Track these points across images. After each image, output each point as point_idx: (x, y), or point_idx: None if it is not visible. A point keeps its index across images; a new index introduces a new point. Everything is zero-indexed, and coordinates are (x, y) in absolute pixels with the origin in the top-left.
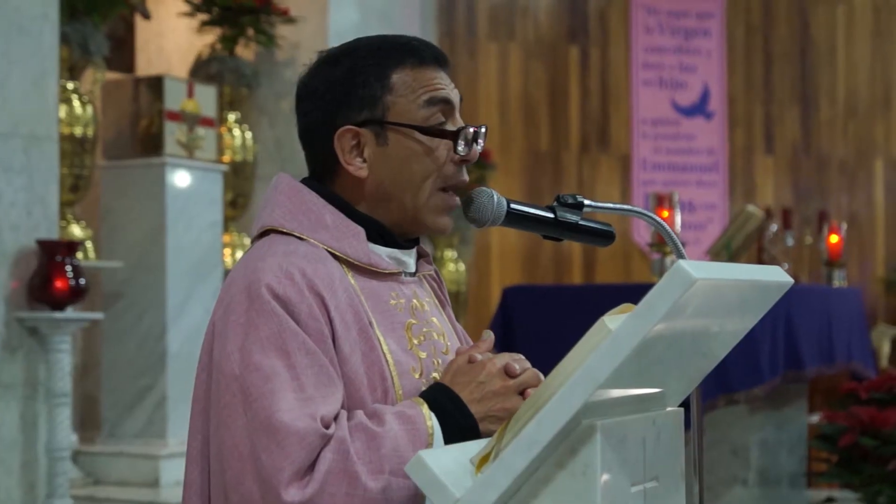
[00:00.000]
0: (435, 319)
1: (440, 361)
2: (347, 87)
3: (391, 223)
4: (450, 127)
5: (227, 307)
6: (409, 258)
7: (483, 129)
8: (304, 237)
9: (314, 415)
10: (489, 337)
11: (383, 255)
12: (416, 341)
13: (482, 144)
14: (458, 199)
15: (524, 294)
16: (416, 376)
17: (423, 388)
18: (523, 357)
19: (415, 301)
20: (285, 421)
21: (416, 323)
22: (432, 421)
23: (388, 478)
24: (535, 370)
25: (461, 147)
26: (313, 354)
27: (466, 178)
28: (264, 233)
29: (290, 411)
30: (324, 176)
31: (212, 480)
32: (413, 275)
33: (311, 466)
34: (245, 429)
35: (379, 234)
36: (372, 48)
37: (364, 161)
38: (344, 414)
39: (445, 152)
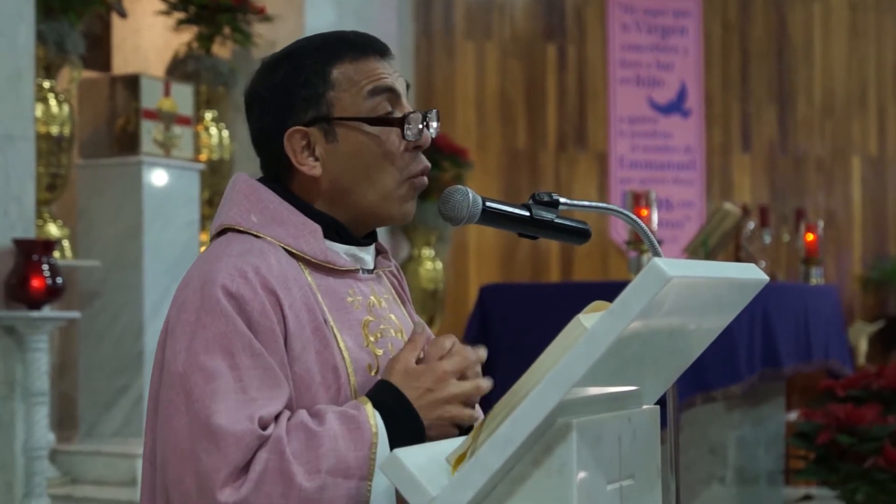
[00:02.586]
0: (393, 316)
1: None
2: (290, 89)
3: (349, 219)
4: (397, 115)
5: (181, 305)
6: (366, 255)
7: (434, 113)
8: (261, 235)
9: (252, 416)
10: (423, 330)
11: (340, 252)
12: (372, 338)
13: (436, 128)
14: (425, 179)
15: (501, 292)
16: (372, 373)
17: None
18: (475, 361)
19: (372, 298)
20: (222, 424)
21: (373, 320)
22: (376, 419)
23: (324, 477)
24: (483, 380)
25: (409, 132)
26: (259, 356)
27: (427, 163)
28: (222, 231)
29: (228, 413)
30: (280, 178)
31: (157, 477)
32: (371, 271)
33: (247, 467)
34: (186, 428)
35: (336, 231)
36: (310, 47)
37: (316, 160)
38: (286, 414)
39: (397, 141)
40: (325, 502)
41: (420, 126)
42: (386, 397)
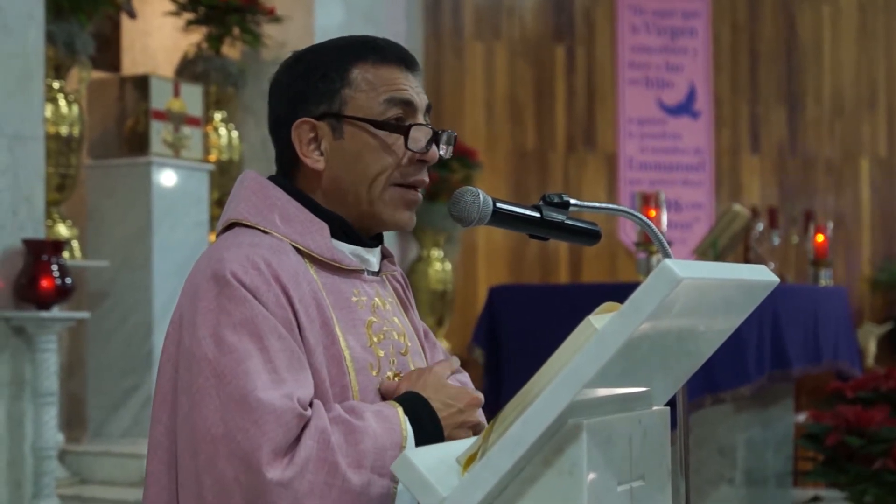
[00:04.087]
0: (396, 319)
1: (398, 361)
2: (308, 81)
3: (353, 220)
4: (409, 123)
5: (195, 295)
6: (372, 257)
7: (444, 133)
8: (269, 231)
9: (290, 395)
10: (448, 357)
11: (346, 251)
12: (375, 339)
13: (446, 150)
14: (418, 194)
15: (510, 293)
16: (374, 374)
17: (379, 387)
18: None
19: (376, 299)
20: (262, 399)
21: (377, 321)
22: (406, 425)
23: (369, 474)
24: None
25: (412, 143)
26: (285, 339)
27: (426, 178)
28: (229, 226)
29: (265, 390)
30: (287, 170)
31: (180, 466)
32: (376, 274)
33: (291, 447)
34: (219, 410)
35: (343, 231)
36: (336, 45)
37: (321, 154)
38: (320, 403)
39: (402, 149)
40: (367, 497)
41: (427, 140)
42: (417, 407)
